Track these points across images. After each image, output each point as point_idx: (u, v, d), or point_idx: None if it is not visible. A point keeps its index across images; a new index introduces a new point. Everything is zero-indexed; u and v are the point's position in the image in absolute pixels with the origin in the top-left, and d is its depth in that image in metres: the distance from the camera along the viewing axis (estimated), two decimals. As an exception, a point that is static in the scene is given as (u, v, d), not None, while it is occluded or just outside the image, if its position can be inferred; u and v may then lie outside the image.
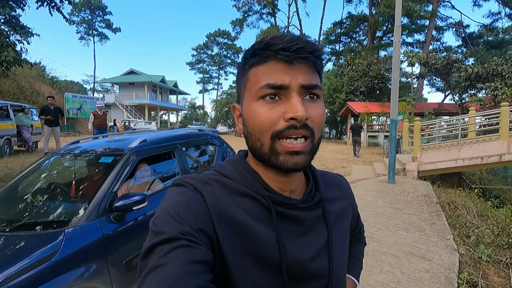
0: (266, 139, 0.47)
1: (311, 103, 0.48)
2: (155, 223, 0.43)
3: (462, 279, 2.69)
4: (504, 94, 11.84)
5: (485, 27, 27.94)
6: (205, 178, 0.51)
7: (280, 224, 0.49)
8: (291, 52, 0.45)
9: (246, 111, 0.50)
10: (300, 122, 0.45)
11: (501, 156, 6.58)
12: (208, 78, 56.55)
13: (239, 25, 38.77)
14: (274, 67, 0.46)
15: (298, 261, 0.48)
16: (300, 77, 0.46)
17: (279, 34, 0.47)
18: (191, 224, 0.42)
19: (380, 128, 19.67)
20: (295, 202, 0.51)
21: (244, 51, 0.52)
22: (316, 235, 0.53)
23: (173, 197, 0.47)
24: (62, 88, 23.40)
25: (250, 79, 0.49)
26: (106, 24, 40.04)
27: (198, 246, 0.40)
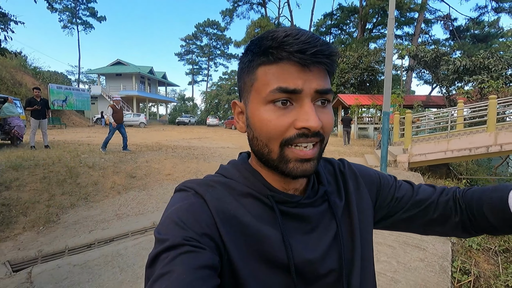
0: (275, 146, 0.45)
1: (322, 109, 0.46)
2: (159, 231, 0.42)
3: (455, 267, 2.78)
4: (490, 87, 12.16)
5: (472, 20, 28.46)
6: (207, 181, 0.50)
7: (286, 224, 0.48)
8: (308, 55, 0.42)
9: (252, 113, 0.47)
10: (312, 132, 0.43)
11: (488, 147, 6.78)
12: (197, 70, 55.65)
13: (229, 15, 38.10)
14: (288, 70, 0.43)
15: (306, 261, 0.47)
16: (314, 82, 0.44)
17: (293, 31, 0.43)
18: (195, 229, 0.42)
19: (370, 120, 19.95)
20: (299, 199, 0.50)
21: (250, 42, 0.48)
22: (324, 231, 0.51)
23: (175, 203, 0.46)
24: (46, 79, 22.62)
25: (258, 78, 0.46)
26: (90, 12, 38.56)
27: (203, 251, 0.40)
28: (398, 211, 0.60)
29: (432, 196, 0.59)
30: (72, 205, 4.38)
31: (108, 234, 3.63)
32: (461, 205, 0.58)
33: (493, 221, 0.53)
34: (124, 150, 7.89)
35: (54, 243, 3.38)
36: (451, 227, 0.59)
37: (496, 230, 0.54)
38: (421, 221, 0.60)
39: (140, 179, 5.77)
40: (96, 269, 2.79)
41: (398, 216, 0.60)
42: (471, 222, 0.57)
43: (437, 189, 0.61)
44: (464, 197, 0.58)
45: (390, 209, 0.60)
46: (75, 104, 21.57)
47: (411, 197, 0.60)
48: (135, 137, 13.43)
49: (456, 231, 0.59)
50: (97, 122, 24.74)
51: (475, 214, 0.55)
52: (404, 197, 0.60)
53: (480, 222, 0.55)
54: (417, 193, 0.60)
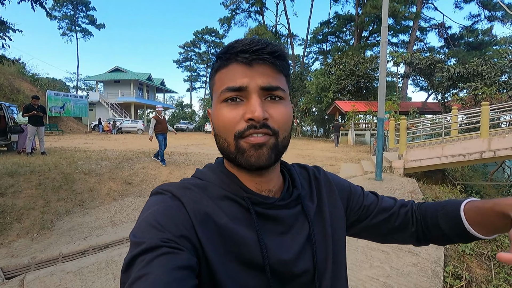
0: (230, 139, 0.48)
1: (271, 104, 0.48)
2: (135, 234, 0.42)
3: (447, 272, 2.80)
4: (484, 93, 12.32)
5: (466, 28, 28.96)
6: (184, 184, 0.51)
7: (261, 225, 0.49)
8: (250, 53, 0.46)
9: (213, 114, 0.51)
10: (259, 122, 0.46)
11: (481, 153, 6.85)
12: (195, 76, 55.94)
13: (227, 23, 38.52)
14: (235, 70, 0.47)
15: (281, 261, 0.48)
16: (259, 79, 0.47)
17: (242, 38, 0.48)
18: (172, 231, 0.42)
19: (367, 127, 20.07)
20: (273, 201, 0.52)
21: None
22: (297, 232, 0.53)
23: (151, 206, 0.46)
24: (44, 86, 22.64)
25: (215, 83, 0.51)
26: (89, 20, 38.93)
27: (181, 252, 0.40)
28: (366, 217, 0.64)
29: (394, 206, 0.65)
30: (67, 212, 4.38)
31: (102, 241, 3.63)
32: (417, 217, 0.64)
33: (447, 230, 0.58)
34: (154, 157, 7.77)
35: (48, 250, 3.36)
36: (408, 236, 0.64)
37: (447, 239, 0.60)
38: (385, 228, 0.64)
39: (136, 186, 5.77)
40: (90, 276, 2.78)
41: (367, 223, 0.64)
42: (424, 233, 0.63)
43: (397, 201, 0.67)
44: (420, 210, 0.64)
45: (359, 216, 0.64)
46: (73, 110, 21.58)
47: (376, 205, 0.65)
48: (132, 144, 13.42)
49: (411, 240, 0.65)
50: (94, 128, 24.70)
51: (429, 225, 0.62)
52: (371, 205, 0.65)
53: (433, 232, 0.62)
54: (381, 202, 0.66)
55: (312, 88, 24.23)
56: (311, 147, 16.01)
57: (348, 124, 19.93)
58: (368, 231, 0.66)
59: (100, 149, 9.72)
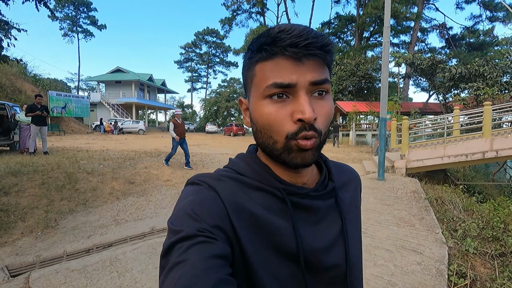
0: (279, 137, 0.47)
1: (319, 100, 0.47)
2: (173, 222, 0.44)
3: (452, 271, 2.80)
4: (486, 94, 12.31)
5: (467, 29, 28.93)
6: (218, 176, 0.52)
7: (295, 214, 0.50)
8: (300, 48, 0.43)
9: (253, 108, 0.50)
10: (308, 123, 0.45)
11: (484, 153, 6.84)
12: (196, 77, 55.99)
13: (228, 23, 38.55)
14: (282, 65, 0.45)
15: (314, 250, 0.49)
16: (308, 74, 0.45)
17: (286, 26, 0.45)
18: (208, 221, 0.43)
19: (368, 127, 20.06)
20: (307, 191, 0.52)
21: (251, 42, 0.50)
22: (330, 224, 0.54)
23: (188, 196, 0.48)
24: (46, 86, 22.71)
25: (256, 74, 0.48)
26: (91, 21, 39.04)
27: (216, 242, 0.41)
28: None
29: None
30: (71, 211, 4.39)
31: (106, 240, 3.64)
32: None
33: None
34: (186, 167, 7.60)
35: (52, 248, 3.38)
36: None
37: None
38: None
39: (139, 185, 5.78)
40: (94, 274, 2.79)
41: None
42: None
43: None
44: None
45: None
46: (74, 111, 21.63)
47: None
48: (134, 144, 13.45)
49: None
50: (95, 129, 24.74)
51: None
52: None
53: None
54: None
55: (313, 88, 24.17)
56: (312, 147, 16.00)
57: (349, 125, 19.93)
58: None
59: (102, 149, 9.74)
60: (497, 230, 3.66)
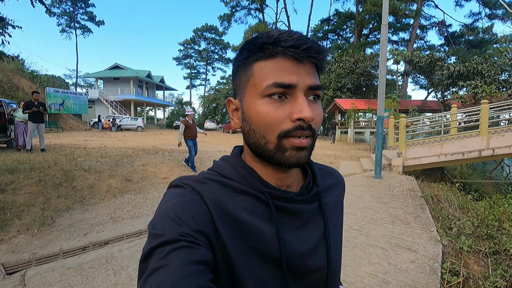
0: (272, 137, 0.47)
1: (313, 103, 0.49)
2: (154, 226, 0.43)
3: (445, 269, 2.82)
4: (484, 92, 12.32)
5: (466, 26, 28.87)
6: (202, 179, 0.51)
7: (279, 219, 0.50)
8: (301, 50, 0.45)
9: (248, 107, 0.49)
10: (307, 123, 0.46)
11: (480, 151, 6.87)
12: (195, 74, 55.73)
13: (227, 20, 38.33)
14: (283, 64, 0.46)
15: (297, 254, 0.50)
16: (307, 78, 0.47)
17: (286, 30, 0.47)
18: (190, 225, 0.42)
19: (366, 125, 20.08)
20: (292, 195, 0.52)
21: (245, 42, 0.50)
22: (314, 228, 0.54)
23: (171, 199, 0.47)
24: (43, 83, 22.57)
25: (255, 73, 0.48)
26: (88, 17, 38.67)
27: (197, 247, 0.41)
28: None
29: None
30: (68, 208, 4.39)
31: (103, 237, 3.65)
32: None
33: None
34: (184, 162, 7.43)
35: (49, 246, 3.38)
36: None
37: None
38: None
39: (136, 183, 5.78)
40: (90, 272, 2.80)
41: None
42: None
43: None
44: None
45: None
46: (72, 108, 21.52)
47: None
48: (132, 141, 13.43)
49: None
50: (94, 126, 24.69)
51: None
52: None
53: None
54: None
55: (312, 86, 24.12)
56: (311, 145, 16.00)
57: (347, 122, 19.94)
58: None
59: (100, 146, 9.73)
60: (491, 228, 3.68)
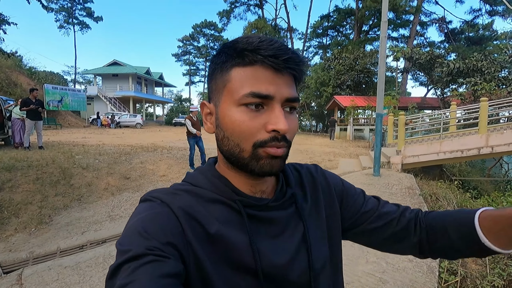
0: (247, 146, 0.46)
1: (289, 115, 0.48)
2: (121, 242, 0.41)
3: (443, 268, 2.82)
4: (483, 89, 12.30)
5: (467, 23, 28.75)
6: (173, 190, 0.50)
7: (254, 228, 0.49)
8: (281, 60, 0.44)
9: (223, 114, 0.48)
10: (282, 135, 0.45)
11: (479, 149, 6.87)
12: (194, 70, 55.60)
13: (226, 16, 38.15)
14: (262, 73, 0.45)
15: (275, 265, 0.48)
16: (284, 89, 0.46)
17: (266, 38, 0.46)
18: (159, 238, 0.41)
19: (366, 122, 20.07)
20: (266, 202, 0.51)
21: (223, 45, 0.49)
22: (292, 233, 0.52)
23: (139, 213, 0.45)
24: (41, 79, 22.46)
25: (232, 80, 0.46)
26: (87, 13, 38.43)
27: (166, 260, 0.39)
28: (363, 222, 0.61)
29: (395, 212, 0.61)
30: (65, 206, 4.38)
31: (100, 236, 3.64)
32: (421, 225, 0.59)
33: (457, 242, 0.54)
34: (190, 167, 7.23)
35: (46, 244, 3.38)
36: (409, 246, 0.60)
37: (456, 252, 0.55)
38: (383, 235, 0.61)
39: (134, 181, 5.77)
40: (87, 271, 2.79)
41: (363, 227, 0.61)
42: (429, 243, 0.58)
43: (400, 207, 0.63)
44: (426, 219, 0.59)
45: (356, 219, 0.61)
46: (71, 104, 21.46)
47: (376, 210, 0.61)
48: (131, 138, 13.40)
49: (413, 250, 0.60)
50: (93, 122, 24.62)
51: (437, 235, 0.56)
52: (370, 210, 0.61)
53: (440, 243, 0.56)
54: (382, 206, 0.62)
55: (311, 82, 24.14)
56: (310, 142, 16.01)
57: (347, 119, 19.93)
58: (365, 236, 0.62)
59: (98, 144, 9.70)
60: (489, 227, 3.68)
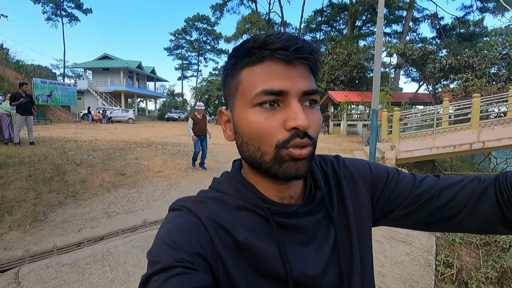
0: (268, 148, 0.44)
1: (309, 109, 0.45)
2: (151, 253, 0.42)
3: (439, 261, 2.89)
4: (474, 85, 12.52)
5: (458, 19, 29.08)
6: (200, 198, 0.49)
7: (283, 236, 0.47)
8: (291, 51, 0.41)
9: (239, 118, 0.46)
10: (303, 132, 0.42)
11: (471, 144, 7.01)
12: (187, 65, 54.88)
13: (219, 10, 37.68)
14: (272, 69, 0.42)
15: (306, 275, 0.46)
16: (299, 82, 0.43)
17: (274, 32, 0.44)
18: (187, 249, 0.41)
19: (359, 117, 20.25)
20: (295, 209, 0.49)
21: (233, 49, 0.47)
22: (322, 241, 0.50)
23: (167, 223, 0.45)
24: (29, 73, 21.84)
25: (243, 81, 0.44)
26: (75, 4, 37.38)
27: (195, 272, 0.39)
28: (398, 206, 0.55)
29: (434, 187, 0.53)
30: (60, 204, 4.31)
31: (97, 233, 3.60)
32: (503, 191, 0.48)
33: None
34: (200, 167, 6.85)
35: (42, 242, 3.32)
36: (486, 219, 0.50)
37: None
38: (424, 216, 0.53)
39: (130, 177, 5.71)
40: (86, 268, 2.76)
41: (399, 212, 0.55)
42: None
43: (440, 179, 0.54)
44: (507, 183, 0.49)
45: (390, 205, 0.55)
46: (61, 99, 20.97)
47: (411, 191, 0.54)
48: (124, 133, 13.22)
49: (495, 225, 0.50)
50: (83, 117, 24.17)
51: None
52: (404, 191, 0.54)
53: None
54: (418, 186, 0.54)
55: (305, 78, 24.11)
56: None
57: (340, 115, 20.06)
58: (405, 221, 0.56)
59: (91, 139, 9.54)
60: (482, 220, 3.78)
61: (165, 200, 4.82)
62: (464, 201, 0.50)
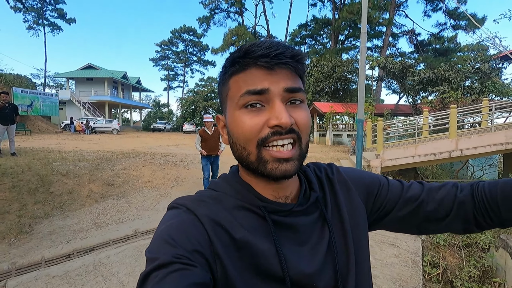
0: (251, 147, 0.46)
1: (294, 107, 0.47)
2: (150, 250, 0.42)
3: (425, 261, 3.03)
4: (451, 97, 13.23)
5: (434, 35, 30.77)
6: (198, 197, 0.51)
7: (279, 234, 0.48)
8: (271, 58, 0.44)
9: (229, 120, 0.49)
10: (285, 129, 0.44)
11: (450, 152, 7.38)
12: (173, 75, 54.67)
13: (206, 22, 38.11)
14: (255, 74, 0.45)
15: (302, 273, 0.47)
16: (282, 82, 0.45)
17: (257, 41, 0.46)
18: (186, 246, 0.41)
19: (344, 128, 20.77)
20: (291, 207, 0.50)
21: (225, 60, 0.51)
22: (318, 240, 0.51)
23: (166, 221, 0.46)
24: (9, 82, 21.13)
25: (231, 88, 0.48)
26: (58, 14, 36.78)
27: (193, 269, 0.39)
28: (391, 211, 0.59)
29: (421, 194, 0.58)
30: (46, 215, 4.18)
31: (87, 244, 3.52)
32: (478, 198, 0.55)
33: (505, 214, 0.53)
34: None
35: (29, 254, 3.21)
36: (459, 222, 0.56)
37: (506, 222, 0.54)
38: (417, 218, 0.58)
39: (118, 187, 5.61)
40: (78, 279, 2.70)
41: (392, 216, 0.59)
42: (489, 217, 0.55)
43: (425, 187, 0.60)
44: (482, 190, 0.56)
45: (384, 209, 0.59)
46: (42, 109, 20.36)
47: (401, 196, 0.59)
48: (109, 144, 12.95)
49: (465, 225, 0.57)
50: (65, 128, 23.46)
51: (499, 206, 0.53)
52: (395, 196, 0.59)
53: (498, 216, 0.54)
54: (407, 191, 0.59)
55: (291, 89, 24.55)
56: (291, 147, 16.27)
57: (326, 125, 20.50)
58: (397, 225, 0.60)
59: (75, 150, 9.30)
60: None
61: (156, 210, 4.77)
62: (449, 206, 0.56)
